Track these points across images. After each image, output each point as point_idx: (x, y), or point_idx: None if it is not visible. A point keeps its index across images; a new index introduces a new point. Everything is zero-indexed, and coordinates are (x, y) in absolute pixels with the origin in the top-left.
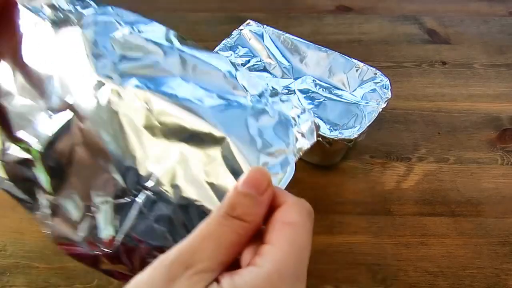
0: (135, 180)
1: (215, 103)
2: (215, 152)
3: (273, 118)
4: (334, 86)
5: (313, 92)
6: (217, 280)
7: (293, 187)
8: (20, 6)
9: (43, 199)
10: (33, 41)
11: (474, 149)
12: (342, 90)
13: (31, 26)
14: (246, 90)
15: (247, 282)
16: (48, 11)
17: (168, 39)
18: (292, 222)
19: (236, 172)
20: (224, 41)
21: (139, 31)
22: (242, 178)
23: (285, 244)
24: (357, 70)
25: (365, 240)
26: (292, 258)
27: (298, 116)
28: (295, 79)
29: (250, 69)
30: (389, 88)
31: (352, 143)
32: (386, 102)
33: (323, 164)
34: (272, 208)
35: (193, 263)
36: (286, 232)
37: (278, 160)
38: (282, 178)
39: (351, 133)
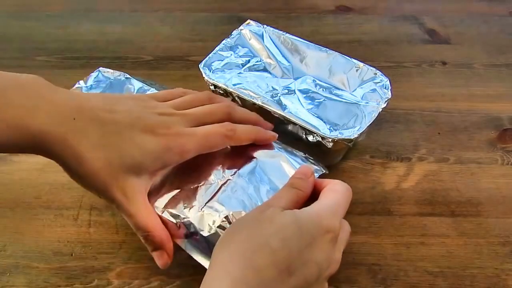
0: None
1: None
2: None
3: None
4: (334, 86)
5: (313, 92)
6: None
7: None
8: None
9: None
10: None
11: (474, 149)
12: (342, 90)
13: None
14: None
15: (302, 211)
16: None
17: None
18: (336, 190)
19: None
20: (224, 41)
21: None
22: (297, 169)
23: (329, 198)
24: (357, 70)
25: (365, 240)
26: (332, 204)
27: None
28: (295, 79)
29: (250, 69)
30: (389, 88)
31: (352, 143)
32: (386, 102)
33: (323, 164)
34: (321, 188)
35: (274, 204)
36: (331, 194)
37: None
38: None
39: (351, 133)
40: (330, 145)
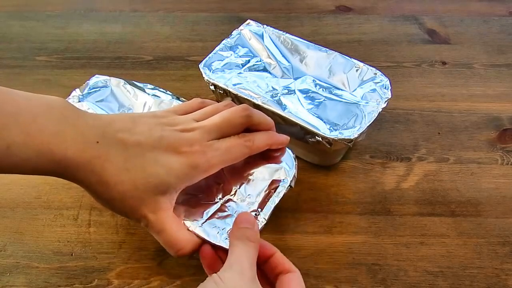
0: None
1: None
2: None
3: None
4: (334, 86)
5: (313, 92)
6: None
7: (294, 187)
8: None
9: None
10: None
11: (474, 149)
12: (342, 90)
13: None
14: None
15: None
16: None
17: None
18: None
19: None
20: (224, 41)
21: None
22: (238, 218)
23: None
24: (357, 70)
25: (365, 240)
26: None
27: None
28: (295, 79)
29: (250, 69)
30: (389, 88)
31: (352, 143)
32: (386, 102)
33: (323, 164)
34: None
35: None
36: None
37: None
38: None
39: (351, 133)
40: (330, 145)
